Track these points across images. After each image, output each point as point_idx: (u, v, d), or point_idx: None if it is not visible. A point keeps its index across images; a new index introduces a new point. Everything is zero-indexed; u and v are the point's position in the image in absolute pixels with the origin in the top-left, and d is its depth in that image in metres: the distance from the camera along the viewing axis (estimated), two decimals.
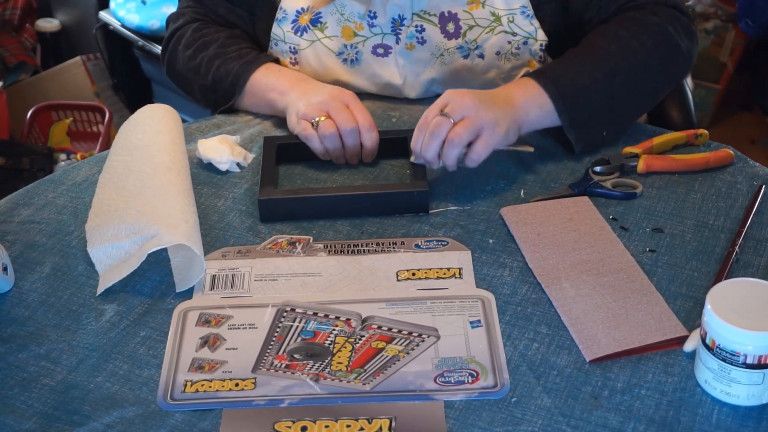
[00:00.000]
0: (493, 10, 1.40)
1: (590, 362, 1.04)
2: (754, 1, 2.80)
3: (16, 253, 1.21)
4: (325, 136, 1.31)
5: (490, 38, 1.41)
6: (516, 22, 1.41)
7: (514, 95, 1.30)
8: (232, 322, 1.10)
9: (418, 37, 1.42)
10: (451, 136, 1.23)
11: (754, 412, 0.99)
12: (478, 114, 1.23)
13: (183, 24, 1.50)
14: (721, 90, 3.00)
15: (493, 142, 1.24)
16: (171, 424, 0.99)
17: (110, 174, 1.27)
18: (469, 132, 1.23)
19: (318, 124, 1.31)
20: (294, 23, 1.44)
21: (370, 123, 1.33)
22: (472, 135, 1.24)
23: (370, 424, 0.98)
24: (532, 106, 1.30)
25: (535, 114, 1.30)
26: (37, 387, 1.04)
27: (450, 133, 1.23)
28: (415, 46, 1.43)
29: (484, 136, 1.24)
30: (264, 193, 1.25)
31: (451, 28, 1.41)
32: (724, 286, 1.02)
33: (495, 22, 1.40)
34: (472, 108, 1.23)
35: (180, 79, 1.52)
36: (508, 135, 1.27)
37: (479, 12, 1.40)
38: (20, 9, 2.96)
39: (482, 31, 1.41)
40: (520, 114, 1.29)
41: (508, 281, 1.15)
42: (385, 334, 1.08)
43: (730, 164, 1.34)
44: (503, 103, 1.27)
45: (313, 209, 1.25)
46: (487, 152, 1.25)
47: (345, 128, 1.31)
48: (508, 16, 1.40)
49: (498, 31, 1.41)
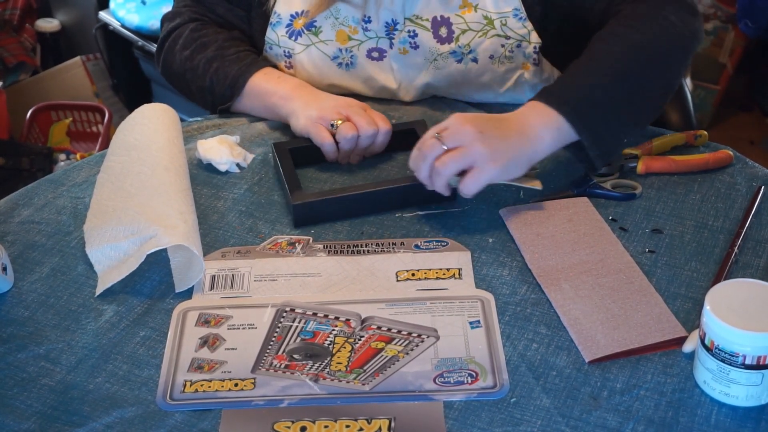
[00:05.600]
0: (485, 13, 1.39)
1: (589, 363, 1.04)
2: (754, 2, 2.80)
3: (15, 253, 1.21)
4: (346, 138, 1.31)
5: (484, 42, 1.41)
6: (509, 25, 1.40)
7: (529, 124, 1.22)
8: (232, 323, 1.10)
9: (411, 42, 1.42)
10: (437, 165, 1.18)
11: (752, 413, 0.99)
12: (472, 145, 1.17)
13: (180, 23, 1.50)
14: (721, 91, 3.01)
15: (484, 177, 1.18)
16: (170, 425, 0.99)
17: (108, 174, 1.27)
18: (458, 164, 1.18)
19: (337, 127, 1.32)
20: (288, 27, 1.44)
21: (389, 126, 1.34)
22: (462, 166, 1.18)
23: (369, 425, 0.98)
24: (549, 131, 1.22)
25: (552, 138, 1.22)
26: (36, 387, 1.04)
27: (437, 161, 1.18)
28: (408, 51, 1.43)
29: (475, 170, 1.18)
30: (297, 198, 1.24)
31: (444, 32, 1.40)
32: (723, 287, 1.02)
33: (488, 25, 1.40)
34: (469, 138, 1.18)
35: (176, 79, 1.51)
36: (507, 170, 1.19)
37: (471, 16, 1.40)
38: (20, 9, 2.96)
39: (475, 35, 1.40)
40: (533, 144, 1.21)
41: (507, 282, 1.15)
42: (385, 335, 1.08)
43: (730, 165, 1.34)
44: (514, 135, 1.20)
45: (347, 208, 1.25)
46: (477, 187, 1.18)
47: (367, 130, 1.32)
48: (501, 19, 1.39)
49: (491, 34, 1.40)
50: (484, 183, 1.19)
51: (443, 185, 1.20)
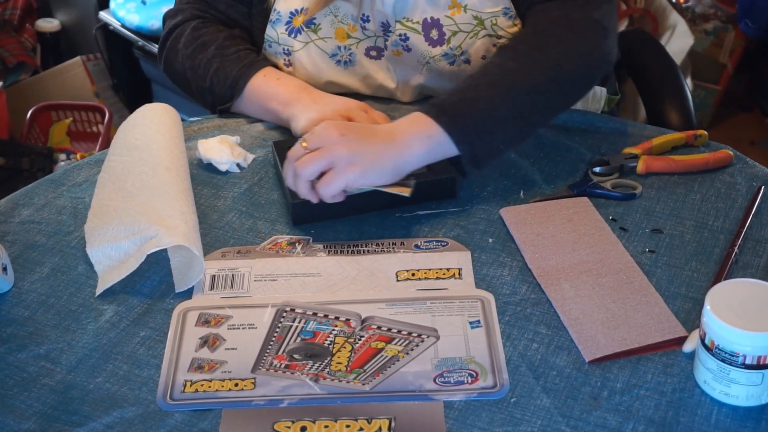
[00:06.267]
0: (475, 13, 1.39)
1: (589, 363, 1.04)
2: (754, 2, 2.80)
3: (16, 253, 1.21)
4: None
5: (475, 43, 1.41)
6: (499, 24, 1.40)
7: (399, 132, 1.21)
8: (232, 322, 1.10)
9: (403, 45, 1.42)
10: (297, 165, 1.18)
11: (753, 413, 0.99)
12: (332, 147, 1.17)
13: (182, 21, 1.49)
14: (721, 91, 3.01)
15: (340, 179, 1.17)
16: (170, 424, 0.99)
17: (109, 174, 1.27)
18: (316, 164, 1.17)
19: None
20: (288, 25, 1.44)
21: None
22: (321, 167, 1.17)
23: (369, 425, 0.98)
24: (421, 140, 1.21)
25: (425, 147, 1.21)
26: (36, 387, 1.04)
27: (298, 161, 1.19)
28: (402, 53, 1.43)
29: (332, 172, 1.17)
30: (296, 196, 1.23)
31: (435, 35, 1.40)
32: (724, 286, 1.02)
33: (478, 26, 1.40)
34: (330, 140, 1.17)
35: (178, 78, 1.51)
36: (366, 174, 1.17)
37: (461, 17, 1.39)
38: (20, 9, 2.96)
39: (466, 36, 1.40)
40: (399, 152, 1.20)
41: (507, 281, 1.15)
42: (385, 335, 1.08)
43: (730, 165, 1.34)
44: (379, 141, 1.20)
45: (346, 207, 1.24)
46: (333, 188, 1.17)
47: None
48: (491, 18, 1.39)
49: (482, 35, 1.40)
50: (340, 185, 1.18)
51: (305, 187, 1.19)
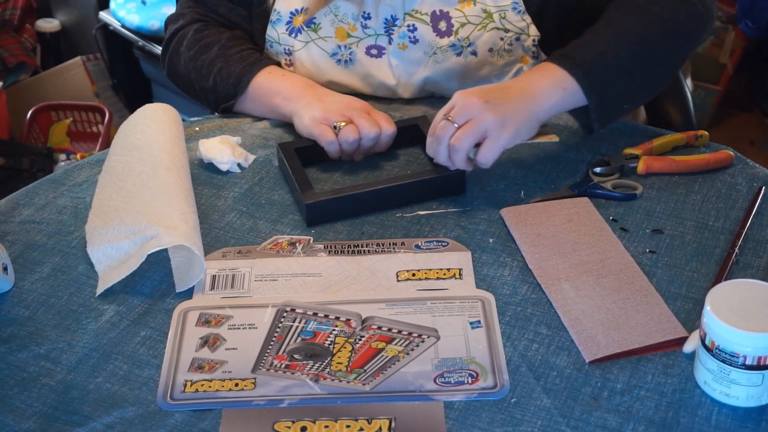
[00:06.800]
0: (484, 7, 1.40)
1: (590, 363, 1.04)
2: (754, 3, 2.80)
3: (16, 253, 1.21)
4: (348, 141, 1.32)
5: (483, 35, 1.41)
6: (508, 18, 1.41)
7: (533, 84, 1.26)
8: (232, 322, 1.10)
9: (411, 36, 1.42)
10: (453, 142, 1.23)
11: (753, 414, 0.99)
12: (481, 116, 1.22)
13: (184, 25, 1.50)
14: (721, 91, 3.01)
15: (499, 144, 1.23)
16: (171, 424, 0.99)
17: (110, 174, 1.27)
18: (472, 136, 1.22)
19: (340, 129, 1.32)
20: (288, 25, 1.45)
21: (393, 128, 1.34)
22: (477, 138, 1.23)
23: (369, 425, 0.98)
24: (555, 91, 1.26)
25: (559, 97, 1.26)
26: (36, 387, 1.04)
27: (452, 138, 1.23)
28: (407, 46, 1.43)
29: (489, 139, 1.22)
30: (309, 197, 1.24)
31: (443, 26, 1.41)
32: (724, 287, 1.02)
33: (487, 19, 1.41)
34: (476, 110, 1.22)
35: (181, 80, 1.52)
36: (519, 133, 1.24)
37: (471, 9, 1.40)
38: (20, 9, 2.96)
39: (474, 28, 1.41)
40: (538, 103, 1.25)
41: (508, 282, 1.15)
42: (385, 335, 1.08)
43: (730, 165, 1.34)
44: (518, 97, 1.24)
45: (359, 205, 1.25)
46: (494, 154, 1.23)
47: (369, 133, 1.32)
48: (500, 12, 1.40)
49: (490, 27, 1.41)
50: (499, 150, 1.23)
51: (463, 160, 1.24)
